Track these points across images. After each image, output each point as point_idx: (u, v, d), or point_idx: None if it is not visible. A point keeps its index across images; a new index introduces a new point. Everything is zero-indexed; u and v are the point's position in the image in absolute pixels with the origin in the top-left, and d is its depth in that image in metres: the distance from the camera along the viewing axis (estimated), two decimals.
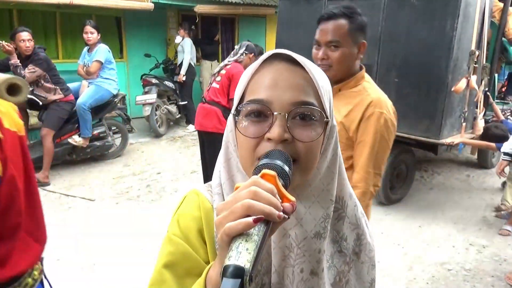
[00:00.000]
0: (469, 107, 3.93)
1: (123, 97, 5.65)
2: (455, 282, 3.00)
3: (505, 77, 5.76)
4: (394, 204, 4.35)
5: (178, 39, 7.11)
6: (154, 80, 6.59)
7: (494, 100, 4.70)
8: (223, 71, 3.69)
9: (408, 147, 4.37)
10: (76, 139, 4.83)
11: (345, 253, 0.77)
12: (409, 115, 3.71)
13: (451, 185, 5.04)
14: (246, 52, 3.78)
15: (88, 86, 4.97)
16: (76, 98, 4.88)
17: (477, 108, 4.05)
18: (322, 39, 1.55)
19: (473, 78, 3.64)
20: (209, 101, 3.70)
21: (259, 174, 0.55)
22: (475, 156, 5.66)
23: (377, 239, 3.59)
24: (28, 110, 4.93)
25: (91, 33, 4.79)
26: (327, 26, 1.53)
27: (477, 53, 3.58)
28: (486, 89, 4.08)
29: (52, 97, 4.62)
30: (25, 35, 4.36)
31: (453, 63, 3.48)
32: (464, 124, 3.87)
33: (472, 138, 4.08)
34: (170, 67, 7.22)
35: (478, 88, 3.85)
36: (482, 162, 5.57)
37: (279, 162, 0.59)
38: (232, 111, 0.69)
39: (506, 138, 3.76)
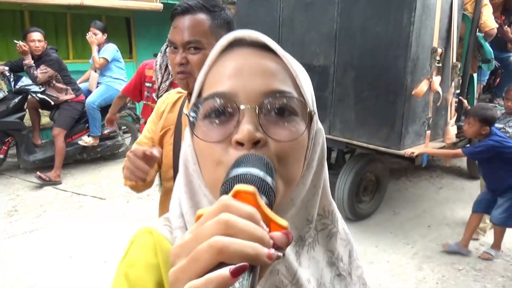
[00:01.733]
0: (437, 113, 3.46)
1: None
2: (465, 282, 2.98)
3: (486, 77, 4.90)
4: (403, 204, 4.33)
5: None
6: None
7: (476, 102, 4.16)
8: None
9: (378, 156, 3.88)
10: (86, 140, 4.89)
11: (344, 276, 0.64)
12: (368, 121, 3.35)
13: (461, 184, 5.00)
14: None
15: (97, 86, 5.03)
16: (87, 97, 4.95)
17: (448, 113, 3.55)
18: (177, 40, 1.20)
19: (436, 80, 3.17)
20: None
21: (231, 193, 0.37)
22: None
23: (385, 238, 3.55)
24: (40, 110, 5.02)
25: (94, 34, 4.84)
26: (183, 22, 1.19)
27: (439, 50, 3.12)
28: (458, 91, 3.59)
29: (63, 97, 4.69)
30: (36, 35, 4.42)
31: (412, 62, 3.05)
32: (428, 132, 3.30)
33: (443, 147, 3.55)
34: None
35: (449, 90, 3.41)
36: (472, 172, 5.07)
37: (256, 171, 0.41)
38: (188, 114, 0.51)
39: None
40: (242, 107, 0.47)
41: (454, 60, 3.35)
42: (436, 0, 3.04)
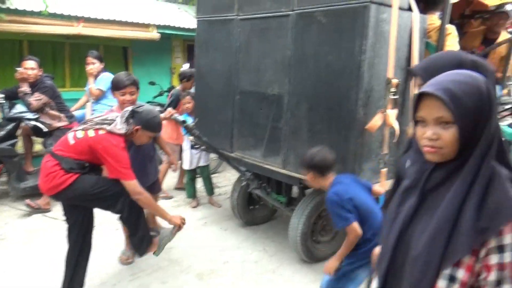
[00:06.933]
0: (398, 148, 3.05)
1: None
2: None
3: None
4: None
5: (184, 67, 7.25)
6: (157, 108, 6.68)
7: None
8: (91, 132, 2.48)
9: None
10: None
11: None
12: None
13: None
14: (132, 122, 2.55)
15: (93, 114, 5.04)
16: None
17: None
18: None
19: (391, 113, 2.82)
20: (51, 152, 2.57)
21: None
22: None
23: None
24: (32, 137, 5.01)
25: (92, 64, 4.90)
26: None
27: (394, 81, 2.79)
28: None
29: (56, 124, 4.69)
30: (29, 63, 4.48)
31: (365, 94, 2.74)
32: (384, 170, 2.97)
33: None
34: None
35: (408, 124, 3.00)
36: None
37: None
38: None
39: None
40: None
41: (416, 92, 3.09)
42: (390, 27, 2.76)
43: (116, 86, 2.98)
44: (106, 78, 4.98)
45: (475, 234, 0.93)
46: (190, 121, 4.25)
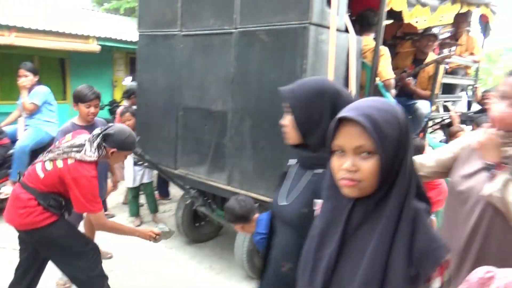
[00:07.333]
0: None
1: None
2: None
3: None
4: None
5: (126, 80, 7.05)
6: None
7: None
8: (59, 162, 2.32)
9: None
10: (6, 192, 4.48)
11: None
12: (266, 174, 3.03)
13: None
14: (105, 145, 2.42)
15: (26, 129, 4.74)
16: (13, 141, 4.63)
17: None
18: None
19: None
20: (22, 183, 2.42)
21: None
22: None
23: None
24: None
25: (25, 76, 4.62)
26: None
27: None
28: None
29: None
30: None
31: None
32: None
33: None
34: (116, 109, 7.09)
35: None
36: None
37: None
38: None
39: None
40: None
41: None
42: (329, 48, 2.85)
43: (81, 99, 3.12)
44: (41, 92, 4.71)
45: (407, 283, 0.87)
46: None
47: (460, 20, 5.02)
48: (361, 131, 0.89)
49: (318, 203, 1.15)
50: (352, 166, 0.91)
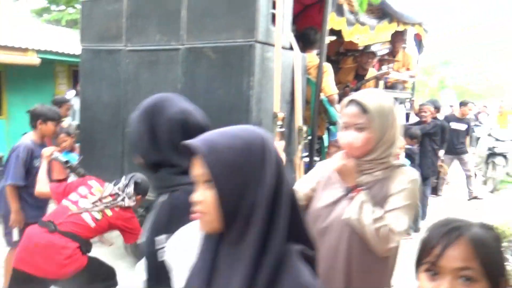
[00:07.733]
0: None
1: (0, 158, 5.10)
2: None
3: (336, 138, 4.90)
4: None
5: (69, 94, 6.74)
6: None
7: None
8: (108, 211, 2.61)
9: None
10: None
11: None
12: None
13: None
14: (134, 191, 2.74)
15: None
16: None
17: (296, 176, 3.28)
18: None
19: (279, 145, 2.84)
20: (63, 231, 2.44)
21: None
22: None
23: None
24: None
25: None
26: None
27: (280, 115, 2.97)
28: (306, 154, 3.43)
29: None
30: None
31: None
32: None
33: None
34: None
35: (296, 154, 3.23)
36: None
37: None
38: None
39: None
40: None
41: (300, 124, 3.23)
42: (275, 65, 2.92)
43: (51, 117, 3.19)
44: None
45: None
46: (75, 158, 3.90)
47: (397, 39, 5.35)
48: (202, 160, 0.83)
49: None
50: (199, 196, 0.86)
